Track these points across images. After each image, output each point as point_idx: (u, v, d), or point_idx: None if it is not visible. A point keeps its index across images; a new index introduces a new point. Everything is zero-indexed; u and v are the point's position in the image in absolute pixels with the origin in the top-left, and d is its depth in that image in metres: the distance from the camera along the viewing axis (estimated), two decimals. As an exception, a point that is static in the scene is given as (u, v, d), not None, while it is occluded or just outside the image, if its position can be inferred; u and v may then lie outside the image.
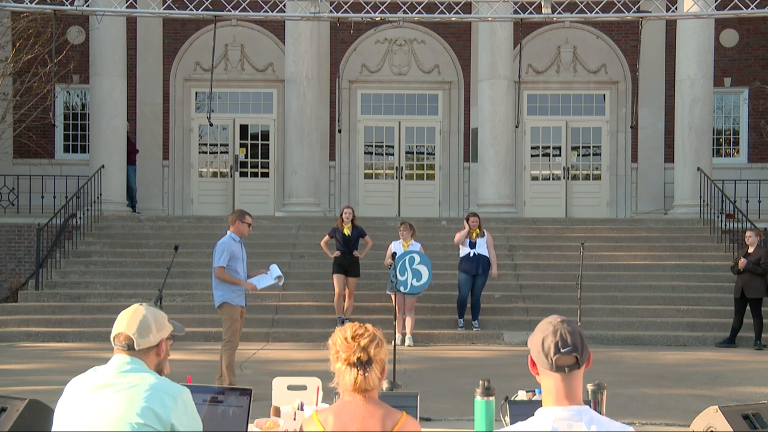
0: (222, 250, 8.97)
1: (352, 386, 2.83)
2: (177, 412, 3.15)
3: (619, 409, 7.88)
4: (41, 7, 11.23)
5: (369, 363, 2.81)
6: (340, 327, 2.92)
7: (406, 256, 12.51)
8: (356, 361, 2.81)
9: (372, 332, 2.87)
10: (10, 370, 10.85)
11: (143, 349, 3.25)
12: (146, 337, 3.25)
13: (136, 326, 3.25)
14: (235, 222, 9.13)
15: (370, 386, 2.82)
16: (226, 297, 9.00)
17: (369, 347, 2.82)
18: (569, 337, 2.60)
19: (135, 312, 3.30)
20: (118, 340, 3.26)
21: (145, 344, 3.25)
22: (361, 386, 2.82)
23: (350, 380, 2.82)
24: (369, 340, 2.84)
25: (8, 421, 4.49)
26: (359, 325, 2.90)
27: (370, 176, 20.20)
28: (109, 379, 3.19)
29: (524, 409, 4.17)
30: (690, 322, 13.76)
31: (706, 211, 16.92)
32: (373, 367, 2.83)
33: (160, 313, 3.33)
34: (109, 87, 17.25)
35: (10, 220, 17.21)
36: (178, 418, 3.15)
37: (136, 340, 3.23)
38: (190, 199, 20.02)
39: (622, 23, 18.81)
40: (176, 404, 3.15)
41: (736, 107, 20.15)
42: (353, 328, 2.88)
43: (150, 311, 3.30)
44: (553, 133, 20.06)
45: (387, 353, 2.90)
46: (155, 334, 3.27)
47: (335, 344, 2.87)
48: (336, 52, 18.06)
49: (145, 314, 3.28)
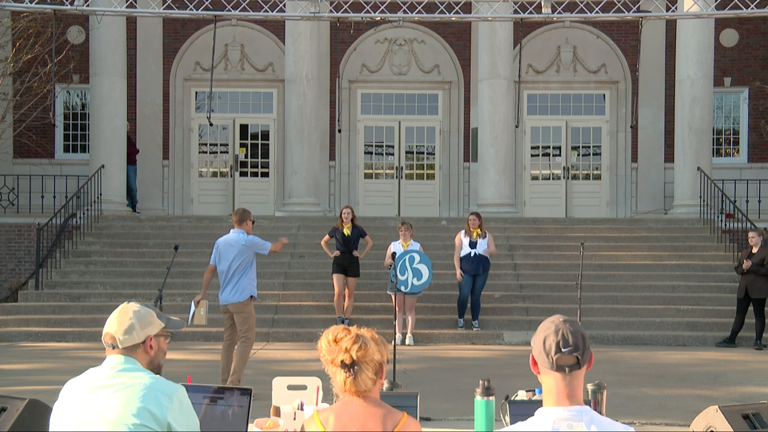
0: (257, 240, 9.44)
1: (343, 388, 2.83)
2: (173, 411, 3.14)
3: (619, 409, 7.88)
4: (41, 7, 11.23)
5: (353, 365, 2.80)
6: (325, 330, 2.91)
7: (406, 256, 12.52)
8: (341, 364, 2.81)
9: (355, 334, 2.84)
10: (10, 370, 10.85)
11: (129, 347, 3.23)
12: (129, 334, 3.23)
13: (119, 324, 3.25)
14: (245, 221, 9.37)
15: (362, 388, 2.81)
16: (253, 290, 9.32)
17: (351, 349, 2.80)
18: (571, 337, 2.60)
19: (121, 311, 3.30)
20: (105, 340, 3.27)
21: (129, 342, 3.23)
22: (351, 388, 2.81)
23: (341, 382, 2.83)
24: (351, 342, 2.82)
25: (8, 421, 4.49)
26: (343, 328, 2.88)
27: (370, 176, 20.20)
28: (104, 380, 3.19)
29: (524, 409, 4.16)
30: (690, 322, 13.76)
31: (706, 211, 16.92)
32: (362, 369, 2.81)
33: (148, 309, 3.30)
34: (109, 87, 17.25)
35: (10, 220, 17.21)
36: (174, 417, 3.14)
37: (119, 339, 3.23)
38: (190, 199, 20.02)
39: (622, 23, 18.82)
40: (172, 403, 3.15)
41: (736, 107, 20.15)
42: (336, 331, 2.87)
43: (136, 308, 3.29)
44: (553, 133, 20.06)
45: (381, 353, 2.86)
46: (139, 331, 3.24)
47: (321, 348, 2.87)
48: (336, 51, 18.07)
49: (130, 312, 3.27)
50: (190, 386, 4.06)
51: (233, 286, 9.27)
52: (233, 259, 9.23)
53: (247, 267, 9.28)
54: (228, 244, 9.30)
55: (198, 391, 4.10)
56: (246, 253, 9.27)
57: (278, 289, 14.72)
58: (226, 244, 9.32)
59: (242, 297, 9.27)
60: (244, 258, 9.25)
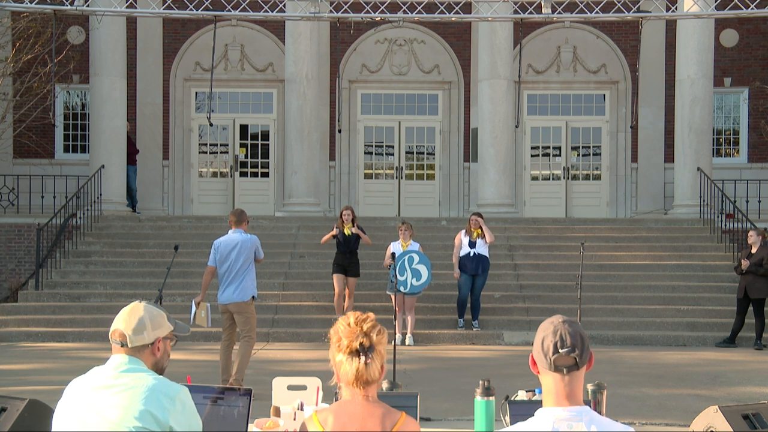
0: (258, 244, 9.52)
1: (354, 376, 2.78)
2: (175, 413, 3.13)
3: (619, 409, 7.89)
4: (41, 7, 11.23)
5: (371, 350, 2.79)
6: (342, 316, 2.91)
7: (405, 256, 12.53)
8: (359, 347, 2.77)
9: (373, 319, 2.86)
10: (10, 370, 10.85)
11: (137, 347, 3.22)
12: (140, 335, 3.22)
13: (131, 323, 3.23)
14: (244, 222, 9.44)
15: (371, 377, 2.79)
16: (254, 290, 9.42)
17: (371, 332, 2.80)
18: (569, 337, 2.60)
19: (132, 309, 3.28)
20: (113, 337, 3.24)
21: (139, 341, 3.22)
22: (363, 376, 2.78)
23: (352, 370, 2.78)
24: (371, 325, 2.82)
25: (8, 421, 4.49)
26: (361, 313, 2.89)
27: (370, 176, 20.20)
28: (108, 381, 3.18)
29: (524, 409, 4.16)
30: (690, 322, 13.77)
31: (706, 211, 16.92)
32: (375, 357, 2.80)
33: (159, 311, 3.29)
34: (109, 87, 17.25)
35: (10, 220, 17.21)
36: (176, 419, 3.13)
37: (129, 337, 3.21)
38: (190, 199, 20.02)
39: (622, 23, 18.82)
40: (174, 405, 3.14)
41: (736, 107, 20.16)
42: (356, 315, 2.88)
43: (148, 309, 3.27)
44: (553, 133, 20.06)
45: (385, 351, 2.88)
46: (150, 332, 3.23)
47: (338, 332, 2.83)
48: (336, 52, 18.07)
49: (142, 311, 3.25)
50: (191, 386, 4.07)
51: (236, 286, 9.29)
52: (236, 258, 9.25)
53: (248, 267, 9.33)
54: (230, 244, 9.29)
55: (198, 392, 4.11)
56: (249, 252, 9.31)
57: (278, 289, 14.72)
58: (227, 244, 9.31)
59: (245, 297, 9.30)
60: (246, 258, 9.29)
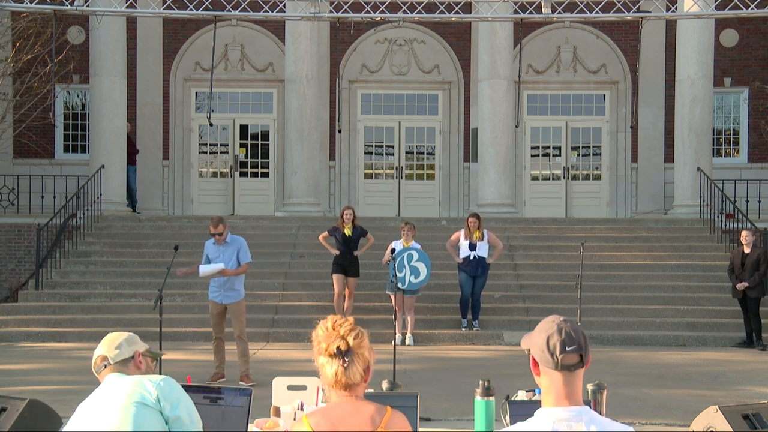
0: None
1: (334, 379, 2.82)
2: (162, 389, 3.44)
3: (619, 409, 7.88)
4: (41, 7, 11.23)
5: (348, 353, 2.81)
6: (322, 320, 2.94)
7: (405, 253, 12.54)
8: (336, 351, 2.81)
9: (352, 322, 2.88)
10: (10, 370, 10.85)
11: (120, 362, 3.59)
12: (119, 350, 3.60)
13: (107, 345, 3.64)
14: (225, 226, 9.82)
15: (351, 380, 2.81)
16: (243, 292, 9.82)
17: (348, 336, 2.82)
18: (574, 335, 2.60)
19: (106, 337, 3.69)
20: (97, 364, 3.61)
21: (119, 356, 3.59)
22: (342, 380, 2.81)
23: (331, 373, 2.82)
24: (349, 328, 2.85)
25: (8, 421, 4.49)
26: (340, 317, 2.93)
27: (370, 176, 20.20)
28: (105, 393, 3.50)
29: (524, 409, 4.17)
30: (690, 322, 13.76)
31: (706, 211, 16.91)
32: (354, 360, 2.82)
33: (132, 333, 3.71)
34: (109, 87, 17.25)
35: (10, 220, 17.21)
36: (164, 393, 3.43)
37: (109, 356, 3.59)
38: (190, 199, 20.02)
39: (622, 23, 18.81)
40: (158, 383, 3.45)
41: (736, 107, 20.15)
42: (334, 318, 2.91)
43: (120, 333, 3.71)
44: (553, 133, 20.06)
45: (370, 354, 2.88)
46: (126, 347, 3.61)
47: (317, 336, 2.88)
48: (336, 52, 18.07)
49: (115, 335, 3.67)
50: (191, 386, 4.07)
51: (230, 287, 9.69)
52: (229, 260, 9.62)
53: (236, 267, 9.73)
54: (222, 245, 9.68)
55: (198, 392, 4.11)
56: (238, 254, 9.68)
57: (278, 289, 14.72)
58: (218, 246, 9.69)
59: (239, 297, 9.75)
60: (234, 259, 9.67)
